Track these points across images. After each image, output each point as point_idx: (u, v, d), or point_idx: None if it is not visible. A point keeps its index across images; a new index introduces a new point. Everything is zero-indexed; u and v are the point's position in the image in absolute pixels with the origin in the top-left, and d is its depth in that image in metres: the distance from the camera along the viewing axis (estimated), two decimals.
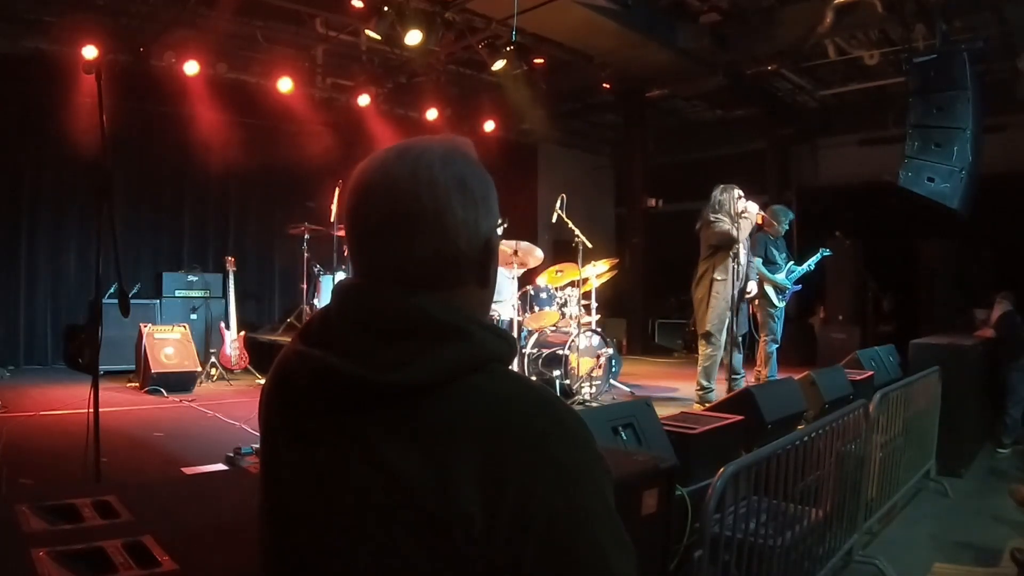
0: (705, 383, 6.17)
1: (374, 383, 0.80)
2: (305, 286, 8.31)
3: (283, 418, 0.92)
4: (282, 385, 0.93)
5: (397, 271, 0.87)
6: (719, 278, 6.02)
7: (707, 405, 5.61)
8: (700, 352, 6.31)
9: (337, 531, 0.83)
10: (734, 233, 5.93)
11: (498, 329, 0.89)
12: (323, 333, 0.88)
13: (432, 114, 10.13)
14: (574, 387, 6.38)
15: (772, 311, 6.84)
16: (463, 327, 0.84)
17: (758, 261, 6.69)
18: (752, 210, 6.07)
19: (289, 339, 0.95)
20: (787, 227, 7.01)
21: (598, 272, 7.30)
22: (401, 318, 0.84)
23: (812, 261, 6.93)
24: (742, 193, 6.11)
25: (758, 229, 6.71)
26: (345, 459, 0.83)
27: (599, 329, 6.96)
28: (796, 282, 6.94)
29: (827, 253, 7.11)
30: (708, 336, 6.16)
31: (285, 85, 8.89)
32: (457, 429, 0.78)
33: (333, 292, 0.91)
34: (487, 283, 0.93)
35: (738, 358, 6.24)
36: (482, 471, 0.76)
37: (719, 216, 6.03)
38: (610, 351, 6.75)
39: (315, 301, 8.20)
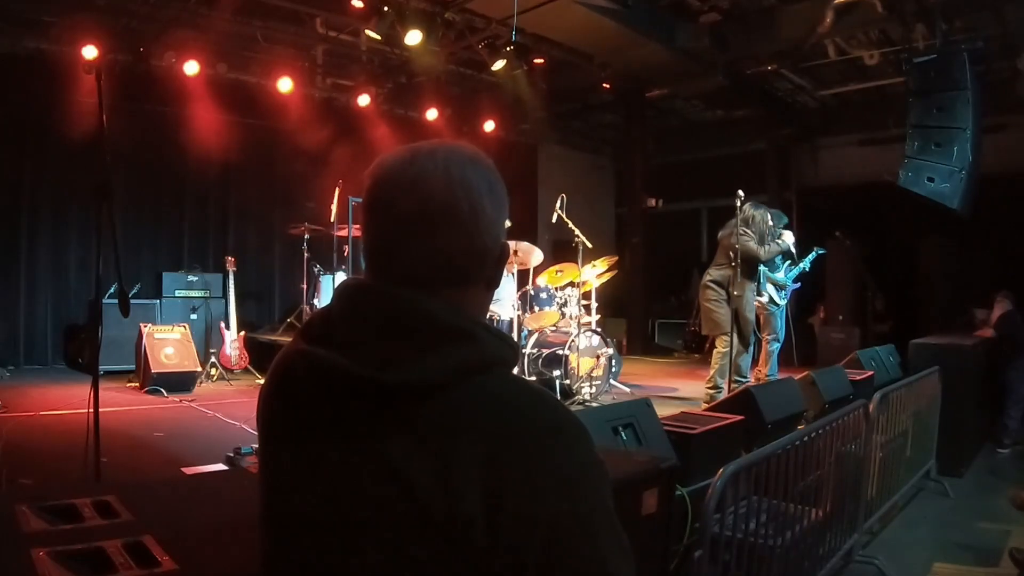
0: (719, 381, 6.30)
1: (378, 383, 0.80)
2: (305, 286, 8.31)
3: (284, 418, 0.92)
4: (283, 384, 0.93)
5: (419, 264, 0.87)
6: (736, 292, 6.21)
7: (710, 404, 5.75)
8: (715, 352, 6.47)
9: (339, 532, 0.83)
10: (761, 254, 6.24)
11: (501, 333, 0.90)
12: (326, 332, 0.88)
13: (432, 114, 10.13)
14: (574, 387, 6.37)
15: (774, 309, 6.87)
16: (468, 329, 0.84)
17: None
18: (788, 240, 6.45)
19: (289, 339, 0.95)
20: (781, 229, 7.09)
21: (598, 272, 7.30)
22: (407, 318, 0.84)
23: (806, 260, 6.99)
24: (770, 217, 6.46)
25: None
26: (347, 459, 0.83)
27: (599, 329, 6.96)
28: (794, 280, 7.00)
29: (821, 252, 7.18)
30: (721, 339, 6.33)
31: (285, 85, 8.89)
32: (460, 431, 0.78)
33: (336, 291, 0.91)
34: (494, 286, 0.95)
35: (747, 361, 6.32)
36: (484, 474, 0.76)
37: (748, 232, 6.22)
38: (610, 351, 6.76)
39: (315, 301, 8.20)
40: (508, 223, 1.00)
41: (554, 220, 6.87)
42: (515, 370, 0.93)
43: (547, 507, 0.76)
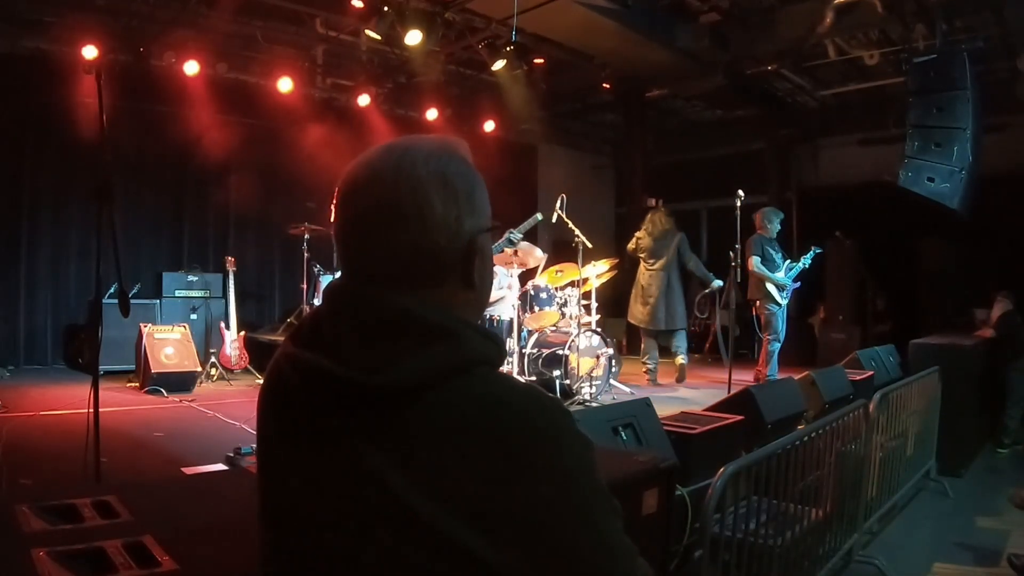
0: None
1: (362, 385, 0.80)
2: (305, 286, 8.30)
3: (277, 420, 0.92)
4: (275, 387, 0.94)
5: (377, 268, 0.87)
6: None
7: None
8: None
9: (330, 533, 0.83)
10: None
11: (486, 331, 0.88)
12: (313, 335, 0.88)
13: (432, 114, 10.13)
14: (574, 387, 6.38)
15: (775, 309, 6.90)
16: (450, 327, 0.83)
17: (756, 260, 6.79)
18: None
19: None
20: (779, 227, 7.14)
21: (598, 272, 7.30)
22: (387, 318, 0.83)
23: (806, 259, 7.02)
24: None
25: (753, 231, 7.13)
26: (335, 462, 0.82)
27: (599, 329, 6.96)
28: (795, 279, 7.04)
29: (819, 251, 7.21)
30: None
31: (285, 85, 8.88)
32: (444, 432, 0.78)
33: (323, 293, 0.91)
34: (472, 284, 0.91)
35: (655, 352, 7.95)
36: (470, 473, 0.76)
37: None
38: (610, 351, 6.75)
39: (315, 301, 8.19)
40: (495, 224, 0.95)
41: (554, 220, 6.87)
42: (515, 368, 0.92)
43: (537, 503, 0.76)
